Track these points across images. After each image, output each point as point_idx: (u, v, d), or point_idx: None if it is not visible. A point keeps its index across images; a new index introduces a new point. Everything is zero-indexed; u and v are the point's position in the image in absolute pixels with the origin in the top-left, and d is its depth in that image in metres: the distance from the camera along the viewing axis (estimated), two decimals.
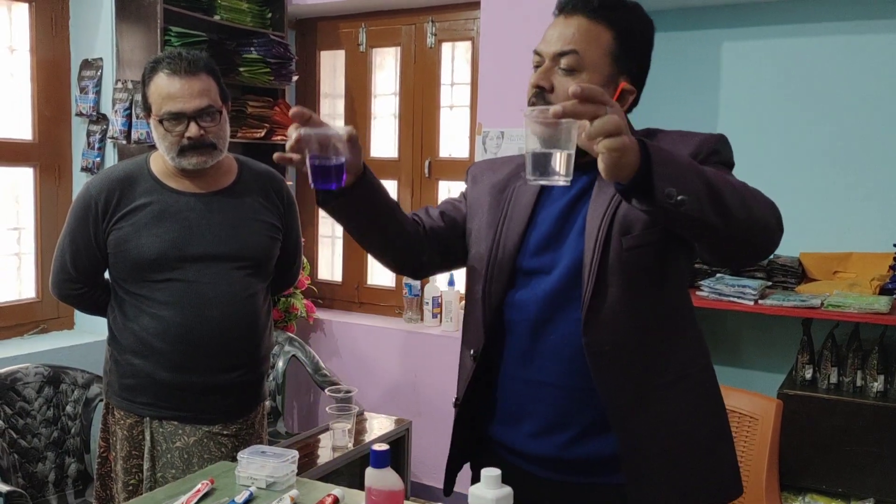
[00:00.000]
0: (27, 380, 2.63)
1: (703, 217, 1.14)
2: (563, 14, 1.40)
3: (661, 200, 1.11)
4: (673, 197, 1.10)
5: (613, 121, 1.06)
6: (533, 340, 1.41)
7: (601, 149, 1.06)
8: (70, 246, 2.05)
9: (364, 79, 3.99)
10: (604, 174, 1.10)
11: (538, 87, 1.38)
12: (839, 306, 2.75)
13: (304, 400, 4.01)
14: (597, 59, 1.36)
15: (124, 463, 2.05)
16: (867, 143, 3.14)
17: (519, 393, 1.44)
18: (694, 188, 1.12)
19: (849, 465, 2.74)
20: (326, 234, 4.22)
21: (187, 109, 1.93)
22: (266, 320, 2.13)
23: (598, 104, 1.07)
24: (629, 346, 1.35)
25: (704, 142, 1.36)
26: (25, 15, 3.21)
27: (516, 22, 3.22)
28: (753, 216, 1.20)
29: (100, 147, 3.28)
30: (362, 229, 1.48)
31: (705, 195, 1.14)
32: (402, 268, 1.59)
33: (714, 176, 1.17)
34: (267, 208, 2.12)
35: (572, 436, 1.40)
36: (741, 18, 3.32)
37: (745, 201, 1.19)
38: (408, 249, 1.52)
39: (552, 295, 1.39)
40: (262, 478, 1.67)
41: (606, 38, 1.37)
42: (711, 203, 1.14)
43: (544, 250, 1.42)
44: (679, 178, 1.12)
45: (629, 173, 1.10)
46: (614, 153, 1.06)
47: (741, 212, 1.18)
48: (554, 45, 1.38)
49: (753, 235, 1.23)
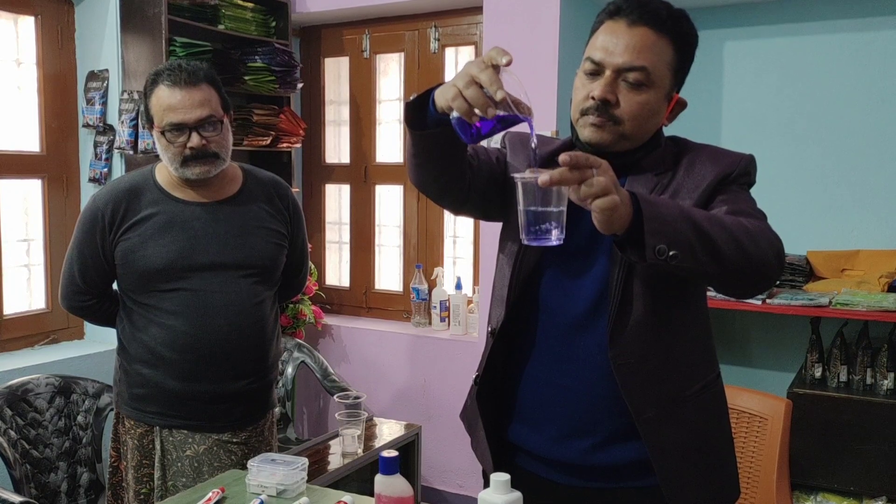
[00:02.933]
0: (38, 390, 2.65)
1: (696, 266, 1.17)
2: (624, 21, 1.32)
3: (651, 258, 1.14)
4: (664, 253, 1.13)
5: (601, 183, 1.09)
6: (565, 345, 1.40)
7: (593, 209, 1.10)
8: (78, 258, 2.06)
9: (368, 85, 4.00)
10: (598, 227, 1.13)
11: (605, 100, 1.32)
12: (848, 304, 2.75)
13: (314, 406, 4.02)
14: (662, 74, 1.34)
15: (135, 472, 2.06)
16: (873, 140, 3.13)
17: (544, 396, 1.44)
18: (686, 241, 1.15)
19: (860, 464, 2.73)
20: (333, 240, 4.23)
21: (188, 120, 1.94)
22: (274, 328, 2.13)
23: (584, 169, 1.09)
24: (655, 359, 1.35)
25: (736, 163, 1.36)
26: (31, 28, 3.23)
27: (519, 26, 3.22)
28: (749, 257, 1.21)
29: (107, 158, 3.30)
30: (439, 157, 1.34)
31: (698, 245, 1.16)
32: (446, 198, 1.46)
33: (708, 222, 1.19)
34: (273, 216, 2.13)
35: (595, 442, 1.40)
36: (743, 18, 3.32)
37: (740, 244, 1.20)
38: (463, 182, 1.41)
39: (588, 300, 1.38)
40: (273, 485, 1.68)
41: (670, 53, 1.34)
42: (704, 252, 1.17)
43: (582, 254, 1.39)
44: (670, 232, 1.14)
45: (622, 226, 1.13)
46: (605, 212, 1.10)
47: (736, 255, 1.19)
48: (620, 56, 1.31)
49: (750, 275, 1.25)
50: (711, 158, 1.38)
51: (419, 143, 1.31)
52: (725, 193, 1.34)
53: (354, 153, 4.07)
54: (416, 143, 1.31)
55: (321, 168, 4.18)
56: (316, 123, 4.15)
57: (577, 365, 1.39)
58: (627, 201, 1.13)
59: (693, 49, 1.41)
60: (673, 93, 1.39)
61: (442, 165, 1.36)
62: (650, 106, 1.34)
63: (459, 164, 1.37)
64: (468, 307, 3.66)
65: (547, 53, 3.12)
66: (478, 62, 1.14)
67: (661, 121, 1.39)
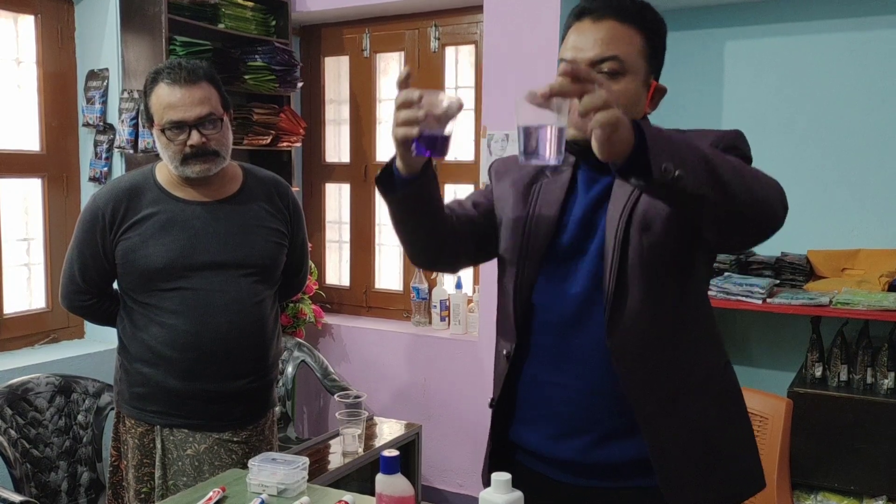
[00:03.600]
0: (38, 389, 2.65)
1: (702, 191, 1.14)
2: (588, 18, 1.38)
3: (658, 176, 1.10)
4: (670, 172, 1.10)
5: (602, 95, 1.07)
6: (560, 343, 1.41)
7: (594, 125, 1.07)
8: (78, 258, 2.06)
9: (369, 84, 4.00)
10: (599, 153, 1.10)
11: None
12: (848, 304, 2.75)
13: (314, 405, 4.02)
14: (634, 61, 1.37)
15: (136, 471, 2.06)
16: (873, 140, 3.13)
17: (543, 395, 1.44)
18: (690, 163, 1.12)
19: (860, 463, 2.73)
20: (333, 239, 4.23)
21: (188, 118, 1.94)
22: (274, 327, 2.13)
23: (586, 81, 1.08)
24: (654, 346, 1.36)
25: (721, 138, 1.36)
26: (31, 27, 3.23)
27: (519, 25, 3.22)
28: (753, 191, 1.20)
29: (107, 157, 3.30)
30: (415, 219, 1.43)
31: (702, 170, 1.14)
32: (439, 262, 1.57)
33: (711, 152, 1.18)
34: (273, 215, 2.13)
35: (593, 440, 1.40)
36: (744, 18, 3.32)
37: (744, 178, 1.20)
38: (448, 243, 1.49)
39: (579, 298, 1.39)
40: (274, 485, 1.68)
41: (639, 40, 1.37)
42: (709, 177, 1.14)
43: (572, 255, 1.42)
44: (674, 153, 1.12)
45: (624, 150, 1.10)
46: (607, 127, 1.07)
47: (740, 187, 1.18)
48: (590, 51, 1.35)
49: (754, 210, 1.22)
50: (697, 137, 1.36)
51: (397, 207, 1.40)
52: None
53: (354, 152, 4.07)
54: (395, 208, 1.40)
55: (321, 167, 4.18)
56: (316, 122, 4.15)
57: (573, 363, 1.40)
58: (628, 125, 1.11)
59: (662, 36, 1.43)
60: (650, 80, 1.41)
61: (423, 227, 1.44)
62: (629, 93, 1.36)
63: (439, 222, 1.45)
64: (468, 306, 3.66)
65: (547, 52, 3.11)
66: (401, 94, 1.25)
67: (643, 109, 1.41)
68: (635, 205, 1.35)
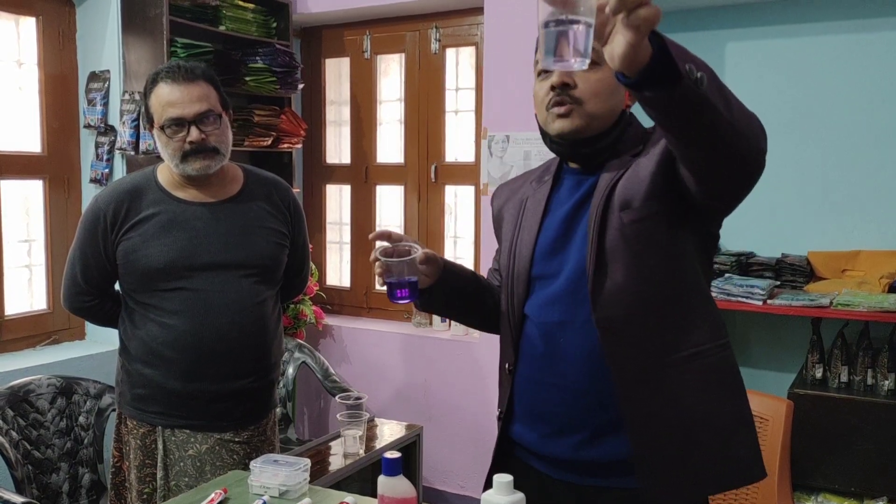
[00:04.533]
0: (40, 391, 2.65)
1: (714, 101, 1.11)
2: None
3: (685, 76, 1.05)
4: (694, 73, 1.06)
5: None
6: (547, 344, 1.44)
7: (631, 22, 0.96)
8: (80, 259, 2.07)
9: (369, 85, 4.00)
10: (617, 60, 1.01)
11: (563, 84, 1.41)
12: (848, 305, 2.75)
13: (315, 406, 4.02)
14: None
15: (138, 472, 2.06)
16: (874, 141, 3.13)
17: (536, 395, 1.47)
18: (704, 69, 1.11)
19: (861, 464, 2.73)
20: (334, 240, 4.23)
21: (187, 114, 1.95)
22: (276, 327, 2.14)
23: None
24: (638, 320, 1.37)
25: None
26: (33, 29, 3.23)
27: (520, 26, 3.23)
28: (748, 117, 1.22)
29: (108, 158, 3.30)
30: (453, 312, 1.72)
31: (712, 83, 1.12)
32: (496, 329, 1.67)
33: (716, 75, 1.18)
34: (273, 215, 2.13)
35: (586, 437, 1.41)
36: (745, 19, 3.32)
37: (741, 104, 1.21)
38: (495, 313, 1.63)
39: (562, 297, 1.42)
40: (275, 486, 1.68)
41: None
42: (718, 92, 1.13)
43: (551, 255, 1.45)
44: (692, 58, 1.10)
45: (644, 58, 1.02)
46: (644, 27, 0.97)
47: (739, 108, 1.19)
48: None
49: (746, 140, 1.19)
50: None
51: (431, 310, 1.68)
52: None
53: (355, 153, 4.08)
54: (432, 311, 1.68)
55: (322, 168, 4.19)
56: (317, 124, 4.15)
57: (563, 362, 1.42)
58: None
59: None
60: None
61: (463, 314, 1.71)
62: (606, 81, 1.39)
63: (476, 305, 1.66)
64: None
65: None
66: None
67: (623, 100, 1.44)
68: (615, 186, 1.38)
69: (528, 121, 3.16)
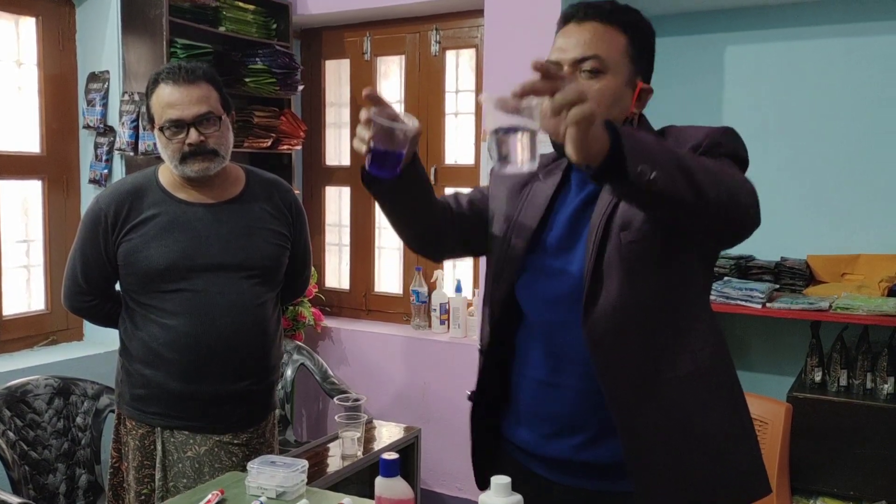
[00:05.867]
0: (37, 391, 2.64)
1: (676, 193, 1.14)
2: (573, 22, 1.41)
3: (634, 177, 1.10)
4: (646, 174, 1.10)
5: (575, 89, 1.06)
6: (549, 343, 1.43)
7: (568, 121, 1.05)
8: (80, 259, 2.07)
9: (370, 87, 3.99)
10: (573, 155, 1.08)
11: None
12: (848, 308, 2.75)
13: (313, 408, 4.02)
14: (617, 60, 1.39)
15: (136, 473, 2.05)
16: (873, 145, 3.13)
17: (535, 394, 1.46)
18: (665, 164, 1.13)
19: (860, 468, 2.73)
20: (333, 242, 4.22)
21: (186, 116, 1.95)
22: (276, 329, 2.13)
23: (556, 79, 1.08)
24: (633, 338, 1.36)
25: (709, 134, 1.37)
26: (32, 29, 3.23)
27: (520, 29, 3.22)
28: (726, 193, 1.20)
29: (107, 159, 3.30)
30: (397, 213, 1.52)
31: (676, 170, 1.14)
32: (425, 251, 1.63)
33: (685, 155, 1.20)
34: (275, 217, 2.13)
35: (586, 438, 1.41)
36: (744, 23, 3.32)
37: (718, 179, 1.20)
38: (435, 234, 1.55)
39: (566, 297, 1.40)
40: (273, 488, 1.68)
41: (621, 41, 1.39)
42: (683, 178, 1.14)
43: (558, 253, 1.44)
44: (650, 155, 1.12)
45: (598, 151, 1.08)
46: (582, 123, 1.05)
47: (713, 188, 1.18)
48: (573, 51, 1.38)
49: (728, 212, 1.23)
50: (687, 133, 1.40)
51: (376, 195, 1.46)
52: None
53: (355, 155, 4.07)
54: (375, 197, 1.46)
55: (322, 170, 4.18)
56: (316, 125, 4.15)
57: (561, 362, 1.42)
58: (602, 126, 1.10)
59: (647, 36, 1.45)
60: (636, 80, 1.42)
61: (406, 218, 1.52)
62: (610, 91, 1.38)
63: (424, 211, 1.50)
64: (468, 310, 3.66)
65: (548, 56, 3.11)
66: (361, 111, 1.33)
67: (628, 108, 1.42)
68: (617, 203, 1.37)
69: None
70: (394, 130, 1.31)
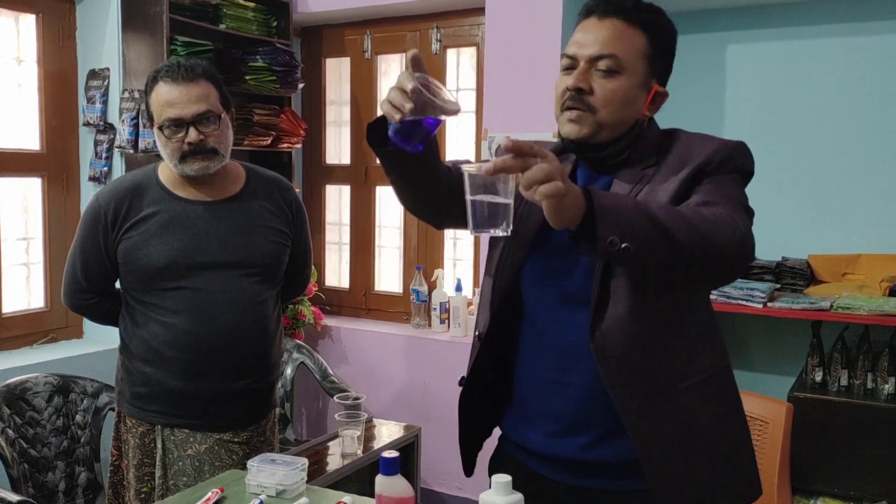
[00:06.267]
0: (37, 389, 2.64)
1: (652, 258, 1.18)
2: (594, 16, 1.39)
3: (602, 249, 1.13)
4: (616, 245, 1.13)
5: (543, 169, 1.09)
6: (557, 341, 1.42)
7: (538, 197, 1.10)
8: (80, 257, 2.06)
9: (370, 85, 3.99)
10: (549, 220, 1.13)
11: (578, 88, 1.36)
12: (849, 308, 2.74)
13: (313, 407, 4.01)
14: (634, 61, 1.37)
15: (136, 471, 2.05)
16: (874, 144, 3.13)
17: (540, 393, 1.44)
18: (639, 232, 1.15)
19: (861, 468, 2.73)
20: (333, 241, 4.22)
21: (185, 115, 1.94)
22: (276, 327, 2.13)
23: (528, 156, 1.11)
24: (641, 350, 1.35)
25: (720, 149, 1.36)
26: (32, 26, 3.22)
27: (521, 27, 3.22)
28: (708, 246, 1.21)
29: (107, 156, 3.29)
30: (404, 181, 1.47)
31: (654, 237, 1.16)
32: (426, 218, 1.60)
33: (665, 213, 1.19)
34: (275, 215, 2.12)
35: (593, 437, 1.40)
36: (746, 22, 3.32)
37: (700, 235, 1.20)
38: (438, 203, 1.51)
39: (573, 298, 1.39)
40: (273, 486, 1.67)
41: (641, 41, 1.38)
42: (660, 242, 1.17)
43: (564, 252, 1.41)
44: (623, 224, 1.14)
45: (573, 218, 1.13)
46: (551, 199, 1.10)
47: (694, 246, 1.19)
48: (590, 47, 1.37)
49: (710, 265, 1.25)
50: (698, 144, 1.39)
51: (386, 161, 1.40)
52: (706, 183, 1.34)
53: (355, 154, 4.07)
54: (385, 162, 1.40)
55: (322, 168, 4.18)
56: (317, 124, 4.14)
57: (569, 361, 1.41)
58: (578, 193, 1.13)
59: (668, 38, 1.43)
60: (651, 82, 1.40)
61: (415, 181, 1.45)
62: (623, 92, 1.37)
63: (432, 180, 1.45)
64: (468, 309, 3.66)
65: (549, 55, 3.11)
66: (402, 74, 1.26)
67: (640, 110, 1.41)
68: None
69: (529, 122, 3.16)
70: (434, 105, 1.25)
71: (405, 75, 1.25)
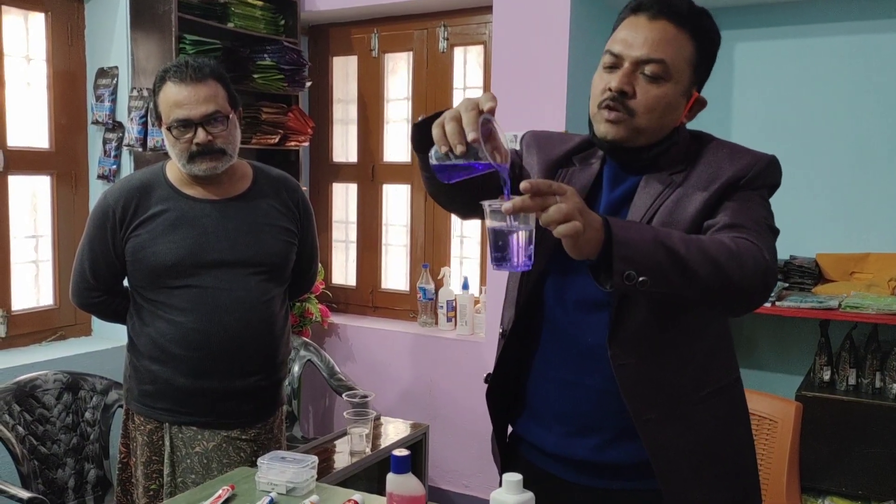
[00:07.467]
0: (46, 386, 2.65)
1: (670, 291, 1.17)
2: (644, 15, 1.33)
3: (619, 284, 1.13)
4: (633, 279, 1.13)
5: (561, 210, 1.09)
6: (572, 344, 1.41)
7: (557, 235, 1.11)
8: (89, 255, 2.07)
9: (377, 84, 4.00)
10: (568, 253, 1.14)
11: (622, 91, 1.32)
12: (857, 307, 2.74)
13: (320, 404, 4.02)
14: (681, 69, 1.33)
15: (144, 468, 2.06)
16: (884, 143, 3.12)
17: (554, 394, 1.44)
18: (657, 267, 1.14)
19: (869, 467, 2.73)
20: (340, 239, 4.22)
21: (194, 116, 1.95)
22: (283, 325, 2.13)
23: (546, 196, 1.10)
24: (658, 361, 1.34)
25: (752, 164, 1.34)
26: (42, 24, 3.23)
27: (528, 25, 3.22)
28: (729, 281, 1.19)
29: (116, 155, 3.30)
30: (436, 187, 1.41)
31: (672, 270, 1.15)
32: (452, 208, 1.55)
33: (685, 245, 1.17)
34: (282, 213, 2.13)
35: (607, 439, 1.39)
36: (754, 20, 3.31)
37: (719, 267, 1.18)
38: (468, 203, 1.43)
39: (594, 299, 1.38)
40: (283, 483, 1.68)
41: (689, 48, 1.34)
42: (679, 276, 1.16)
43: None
44: (641, 258, 1.13)
45: (593, 251, 1.13)
46: (569, 238, 1.10)
47: (714, 279, 1.18)
48: (639, 49, 1.31)
49: (730, 298, 1.24)
50: (729, 157, 1.36)
51: (425, 164, 1.33)
52: (734, 199, 1.32)
53: (362, 152, 4.07)
54: (423, 164, 1.34)
55: (329, 167, 4.18)
56: (324, 122, 4.15)
57: (585, 362, 1.40)
58: (598, 226, 1.12)
59: (714, 47, 1.40)
60: (692, 90, 1.38)
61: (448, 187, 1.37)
62: (667, 100, 1.33)
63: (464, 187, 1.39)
64: (475, 307, 3.66)
65: (556, 53, 3.11)
66: (468, 102, 1.18)
67: (678, 118, 1.38)
68: (651, 220, 1.33)
69: (536, 121, 3.16)
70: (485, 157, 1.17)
71: (473, 115, 1.15)
